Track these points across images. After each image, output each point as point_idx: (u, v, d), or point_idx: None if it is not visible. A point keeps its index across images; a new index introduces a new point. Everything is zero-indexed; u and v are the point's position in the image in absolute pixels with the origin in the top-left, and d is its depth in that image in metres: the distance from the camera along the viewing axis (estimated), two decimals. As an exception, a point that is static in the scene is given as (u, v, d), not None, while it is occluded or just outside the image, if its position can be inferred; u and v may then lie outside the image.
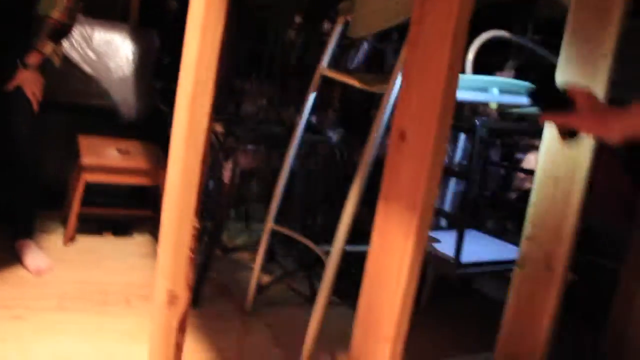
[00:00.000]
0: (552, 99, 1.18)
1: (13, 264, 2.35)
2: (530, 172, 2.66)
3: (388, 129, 1.56)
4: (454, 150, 2.53)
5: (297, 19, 2.90)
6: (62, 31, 2.38)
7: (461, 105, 2.34)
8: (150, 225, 3.01)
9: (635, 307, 2.07)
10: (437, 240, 2.08)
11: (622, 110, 1.06)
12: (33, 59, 2.30)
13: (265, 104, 2.80)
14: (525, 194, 2.81)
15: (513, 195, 2.91)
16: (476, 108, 2.38)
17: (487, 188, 2.69)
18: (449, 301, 2.67)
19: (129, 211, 3.01)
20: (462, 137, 2.55)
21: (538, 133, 1.56)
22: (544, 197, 1.63)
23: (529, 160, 3.07)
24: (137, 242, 2.90)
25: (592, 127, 1.11)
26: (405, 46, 1.19)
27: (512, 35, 2.26)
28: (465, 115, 2.41)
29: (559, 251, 1.53)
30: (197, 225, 1.18)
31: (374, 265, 1.23)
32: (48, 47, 2.34)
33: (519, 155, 3.01)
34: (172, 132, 1.22)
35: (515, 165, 2.78)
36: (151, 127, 3.17)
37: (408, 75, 1.18)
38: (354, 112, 2.75)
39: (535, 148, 2.78)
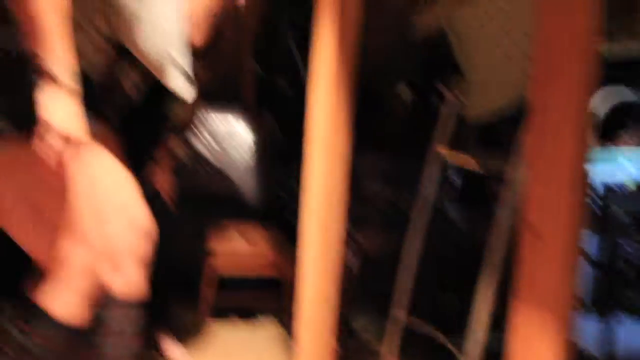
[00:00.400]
0: None
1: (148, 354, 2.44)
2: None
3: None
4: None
5: (405, 92, 2.91)
6: (186, 127, 2.52)
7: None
8: (278, 311, 3.03)
9: None
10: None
11: None
12: (161, 155, 2.44)
13: (381, 182, 2.78)
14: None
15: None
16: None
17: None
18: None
19: (256, 298, 3.06)
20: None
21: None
22: None
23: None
24: (264, 328, 2.92)
25: None
26: (527, 134, 1.13)
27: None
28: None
29: None
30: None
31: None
32: (175, 143, 2.48)
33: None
34: (303, 249, 1.22)
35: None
36: (275, 213, 3.25)
37: (535, 167, 1.13)
38: (472, 184, 2.67)
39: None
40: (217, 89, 3.48)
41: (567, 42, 0.98)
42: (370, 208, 2.64)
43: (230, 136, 3.39)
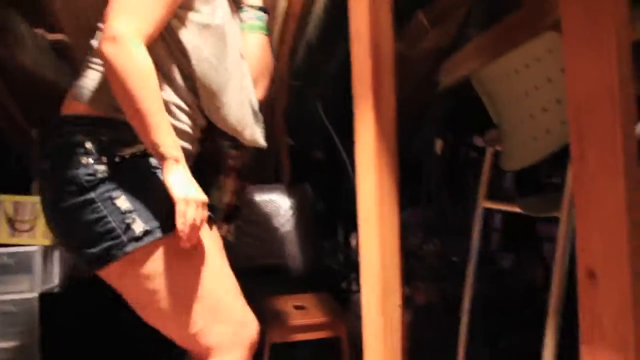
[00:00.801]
0: None
1: None
2: None
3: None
4: None
5: (439, 144, 2.96)
6: (234, 213, 2.61)
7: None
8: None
9: None
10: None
11: None
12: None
13: (426, 233, 2.81)
14: None
15: None
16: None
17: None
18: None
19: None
20: None
21: None
22: None
23: None
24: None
25: None
26: (573, 182, 1.16)
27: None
28: None
29: None
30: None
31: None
32: (223, 229, 2.57)
33: None
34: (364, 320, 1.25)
35: None
36: (322, 279, 3.28)
37: (583, 213, 1.15)
38: (520, 230, 2.68)
39: None
40: (257, 163, 3.61)
41: (599, 81, 1.01)
42: (418, 262, 2.66)
43: (270, 208, 3.48)
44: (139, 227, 1.31)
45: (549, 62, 1.52)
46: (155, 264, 1.33)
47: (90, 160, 1.32)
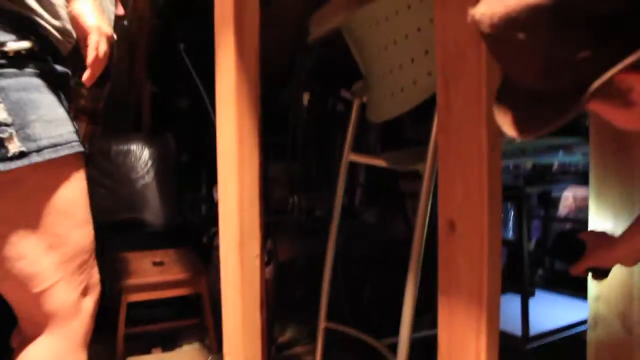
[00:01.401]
0: (572, 251, 1.27)
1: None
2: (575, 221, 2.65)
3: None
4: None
5: (307, 97, 2.91)
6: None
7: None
8: (198, 333, 2.94)
9: None
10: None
11: (619, 240, 1.17)
12: None
13: (294, 186, 2.76)
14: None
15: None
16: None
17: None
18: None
19: (175, 323, 2.95)
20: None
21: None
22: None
23: (567, 198, 3.00)
24: (188, 354, 2.82)
25: (605, 262, 1.20)
26: (437, 133, 1.14)
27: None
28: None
29: (632, 313, 1.43)
30: None
31: (447, 366, 1.16)
32: None
33: (555, 194, 2.95)
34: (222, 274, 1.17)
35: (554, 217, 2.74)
36: (183, 234, 3.15)
37: (445, 164, 1.14)
38: (384, 185, 2.72)
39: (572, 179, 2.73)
40: (114, 108, 3.35)
41: (467, 30, 0.98)
42: (282, 216, 2.61)
43: (127, 159, 3.26)
44: (14, 146, 1.09)
45: (419, 11, 1.49)
46: (17, 195, 1.14)
47: None
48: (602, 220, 1.49)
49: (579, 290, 1.98)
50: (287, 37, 2.68)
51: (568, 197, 2.91)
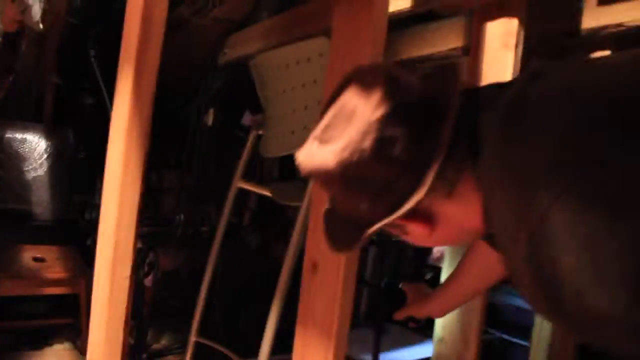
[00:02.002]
0: (396, 299, 1.41)
1: None
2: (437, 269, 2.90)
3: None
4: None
5: (211, 116, 2.98)
6: None
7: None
8: (70, 333, 2.91)
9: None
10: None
11: (432, 295, 1.31)
12: None
13: (185, 198, 2.81)
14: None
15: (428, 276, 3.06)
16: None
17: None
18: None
19: (47, 321, 2.91)
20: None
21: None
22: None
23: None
24: (58, 353, 2.79)
25: (421, 313, 1.32)
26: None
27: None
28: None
29: (468, 354, 1.62)
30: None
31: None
32: None
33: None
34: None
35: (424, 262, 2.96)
36: (69, 232, 3.11)
37: (317, 209, 1.27)
38: (272, 211, 2.83)
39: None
40: (13, 101, 3.26)
41: None
42: (173, 227, 2.66)
43: (22, 148, 3.18)
44: None
45: (317, 64, 1.63)
46: None
47: None
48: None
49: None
50: (202, 55, 2.76)
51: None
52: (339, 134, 0.75)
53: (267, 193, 1.88)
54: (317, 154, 0.77)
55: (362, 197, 0.76)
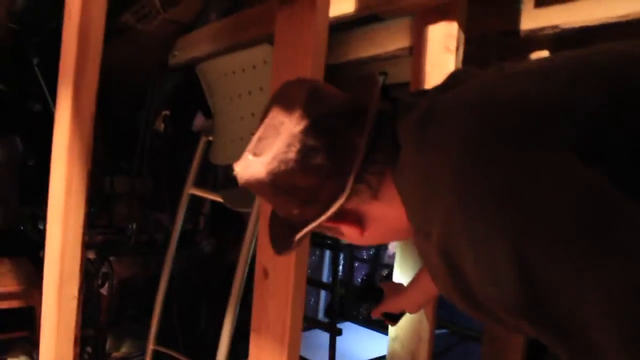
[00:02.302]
0: (373, 297, 1.43)
1: None
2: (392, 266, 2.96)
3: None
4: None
5: (161, 121, 2.96)
6: None
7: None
8: (26, 346, 2.86)
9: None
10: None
11: (404, 290, 1.35)
12: None
13: (138, 205, 2.79)
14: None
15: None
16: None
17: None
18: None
19: (2, 335, 2.84)
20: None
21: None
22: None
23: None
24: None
25: (397, 307, 1.36)
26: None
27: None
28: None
29: (420, 350, 1.67)
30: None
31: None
32: None
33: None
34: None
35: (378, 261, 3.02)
36: (19, 243, 3.05)
37: (265, 215, 1.29)
38: (226, 216, 2.83)
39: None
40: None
41: None
42: (126, 235, 2.64)
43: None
44: None
45: (262, 72, 1.65)
46: None
47: None
48: (404, 267, 1.72)
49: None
50: (151, 58, 2.73)
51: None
52: (269, 146, 0.81)
53: (218, 199, 1.89)
54: (250, 165, 0.83)
55: (293, 203, 0.82)
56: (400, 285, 1.44)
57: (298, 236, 0.83)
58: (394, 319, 1.45)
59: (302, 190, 0.80)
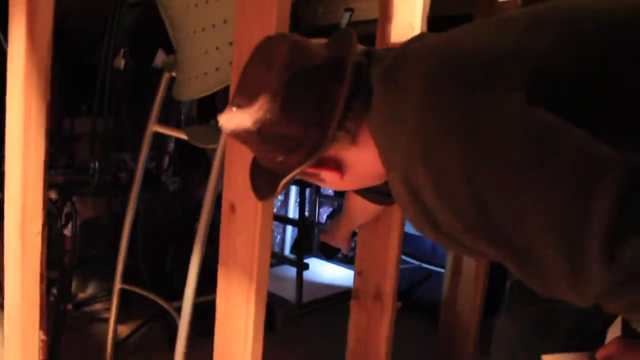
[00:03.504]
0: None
1: None
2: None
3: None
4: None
5: (121, 58, 2.86)
6: None
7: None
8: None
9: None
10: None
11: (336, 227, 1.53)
12: None
13: (99, 145, 2.73)
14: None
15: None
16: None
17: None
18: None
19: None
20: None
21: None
22: (369, 233, 1.78)
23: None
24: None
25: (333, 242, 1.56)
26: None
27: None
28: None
29: (386, 284, 1.70)
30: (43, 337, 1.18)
31: (222, 329, 1.32)
32: None
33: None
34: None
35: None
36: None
37: (231, 151, 1.28)
38: (192, 154, 2.80)
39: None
40: None
41: (260, 37, 1.10)
42: (88, 175, 2.59)
43: None
44: None
45: (226, 4, 1.59)
46: None
47: None
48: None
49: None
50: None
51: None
52: (254, 98, 0.86)
53: (183, 136, 1.86)
54: (235, 116, 0.88)
55: (278, 151, 0.88)
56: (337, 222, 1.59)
57: (282, 182, 0.88)
58: (329, 253, 1.60)
59: (287, 139, 0.86)
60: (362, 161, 0.90)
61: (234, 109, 0.89)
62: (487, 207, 0.68)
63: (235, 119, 0.88)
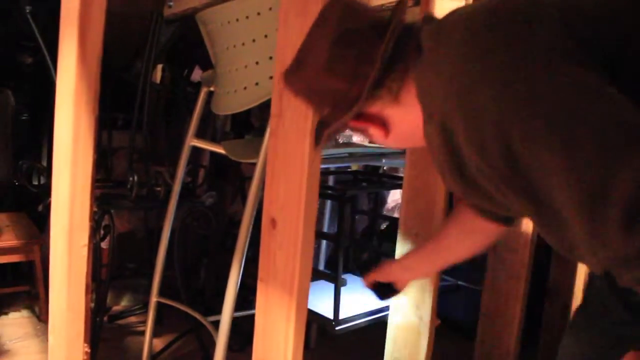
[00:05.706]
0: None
1: None
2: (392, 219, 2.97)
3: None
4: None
5: (159, 72, 2.90)
6: None
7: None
8: (27, 301, 2.87)
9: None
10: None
11: (395, 264, 1.44)
12: None
13: (137, 158, 2.76)
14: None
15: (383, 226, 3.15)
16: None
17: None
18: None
19: (2, 290, 2.85)
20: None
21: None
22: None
23: (395, 193, 3.34)
24: (16, 322, 2.75)
25: (388, 279, 1.42)
26: (268, 136, 1.26)
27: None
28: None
29: (425, 302, 1.68)
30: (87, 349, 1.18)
31: (260, 345, 1.30)
32: None
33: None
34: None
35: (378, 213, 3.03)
36: (18, 198, 3.02)
37: (273, 165, 1.27)
38: (226, 168, 2.81)
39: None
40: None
41: None
42: (126, 188, 2.62)
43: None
44: None
45: (267, 19, 1.60)
46: None
47: None
48: (410, 220, 1.72)
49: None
50: (147, 8, 2.66)
51: (396, 193, 3.25)
52: (306, 56, 0.96)
53: (221, 150, 1.86)
54: (289, 72, 0.99)
55: (325, 104, 0.98)
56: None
57: (327, 131, 0.98)
58: (383, 293, 1.44)
59: (333, 92, 0.94)
60: (405, 121, 0.94)
61: (293, 64, 0.98)
62: (515, 156, 0.70)
63: (290, 77, 0.99)
